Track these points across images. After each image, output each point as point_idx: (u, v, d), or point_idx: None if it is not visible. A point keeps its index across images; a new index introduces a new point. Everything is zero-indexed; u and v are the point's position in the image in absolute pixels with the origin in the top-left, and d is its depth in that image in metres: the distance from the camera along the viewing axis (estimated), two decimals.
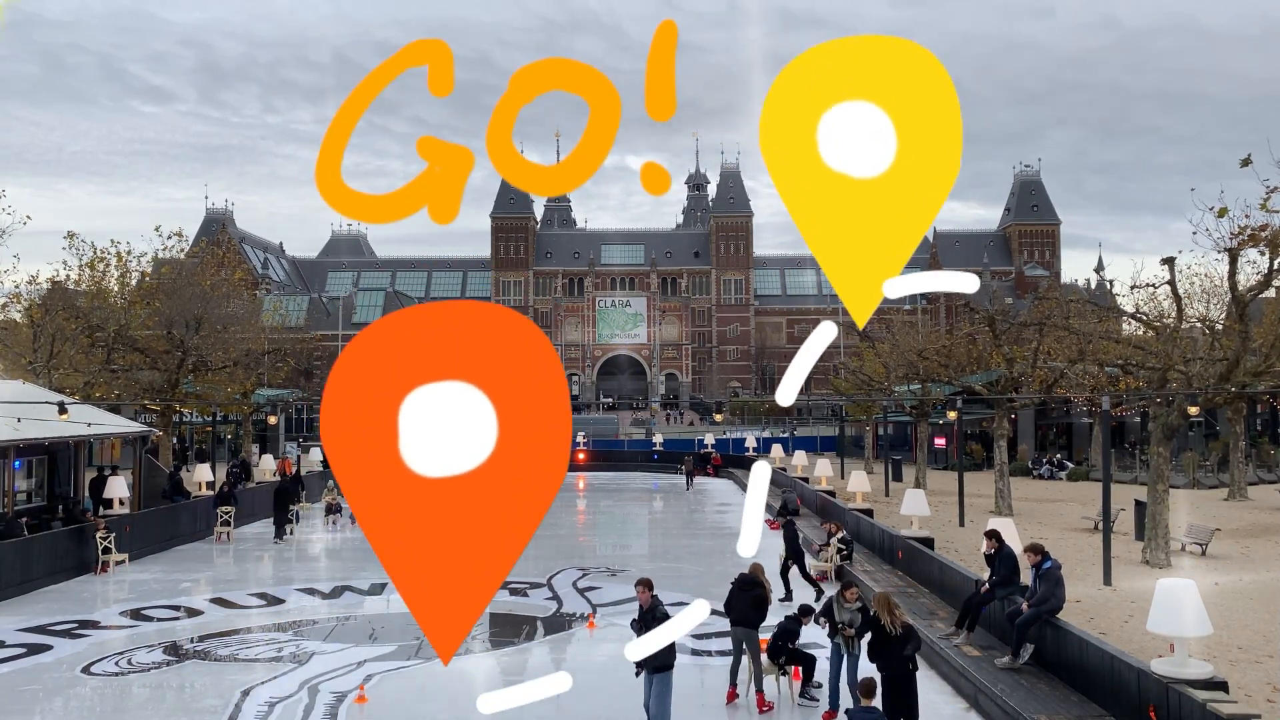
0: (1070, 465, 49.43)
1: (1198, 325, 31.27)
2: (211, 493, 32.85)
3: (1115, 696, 11.61)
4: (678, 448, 61.04)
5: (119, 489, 27.51)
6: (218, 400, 43.37)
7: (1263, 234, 21.44)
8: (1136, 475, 42.05)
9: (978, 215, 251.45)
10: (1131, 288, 27.45)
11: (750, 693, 13.49)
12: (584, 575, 23.39)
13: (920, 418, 44.97)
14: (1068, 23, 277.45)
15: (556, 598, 20.87)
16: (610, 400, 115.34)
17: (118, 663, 15.98)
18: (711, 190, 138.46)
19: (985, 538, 15.43)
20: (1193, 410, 27.77)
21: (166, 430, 40.49)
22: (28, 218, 31.74)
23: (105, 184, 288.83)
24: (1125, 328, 38.85)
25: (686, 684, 14.76)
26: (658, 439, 69.19)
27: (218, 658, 16.23)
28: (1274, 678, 13.59)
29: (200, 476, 34.62)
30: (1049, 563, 13.83)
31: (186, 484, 35.55)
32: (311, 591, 21.89)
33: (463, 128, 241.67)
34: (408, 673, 15.16)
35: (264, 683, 14.53)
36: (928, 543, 22.00)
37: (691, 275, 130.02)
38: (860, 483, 30.74)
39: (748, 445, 62.02)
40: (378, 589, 21.46)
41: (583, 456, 57.06)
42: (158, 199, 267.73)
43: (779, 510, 31.58)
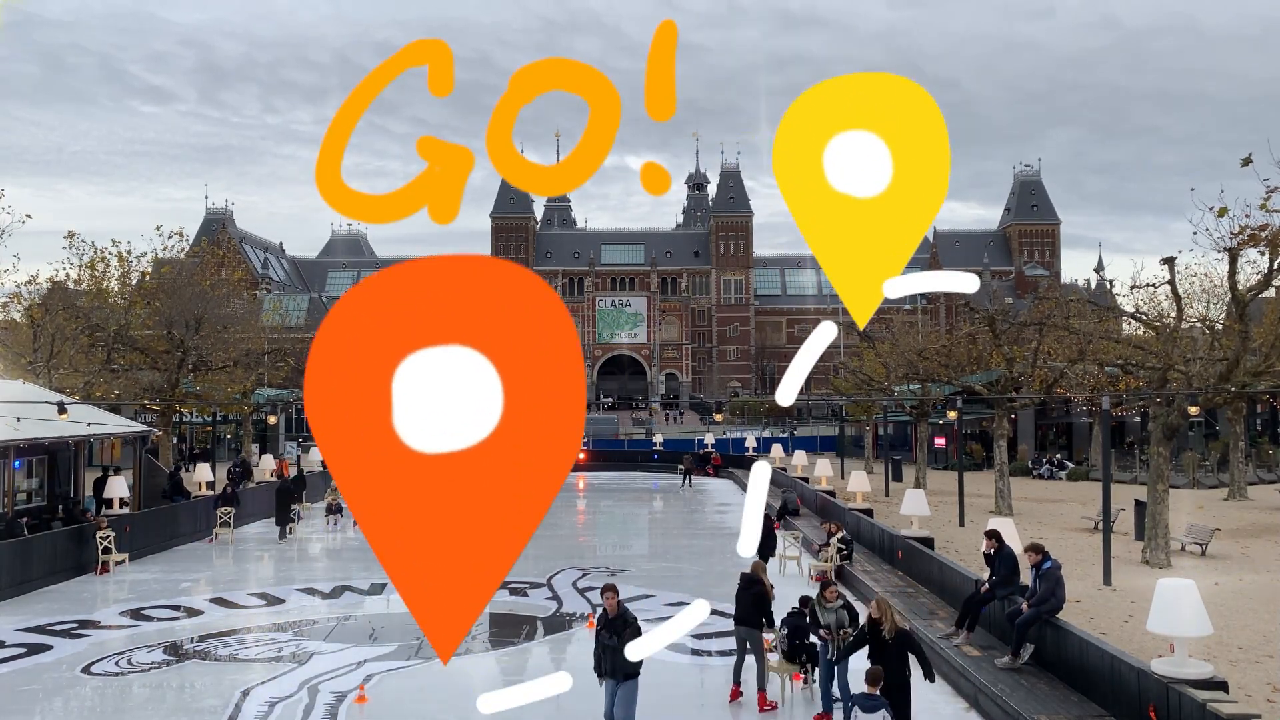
0: (1070, 465, 49.43)
1: (1198, 325, 31.27)
2: (212, 493, 32.88)
3: (1115, 696, 11.61)
4: (678, 448, 61.04)
5: (119, 489, 27.53)
6: (218, 400, 43.38)
7: (1263, 234, 21.44)
8: (1136, 475, 42.06)
9: (978, 215, 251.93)
10: (1131, 288, 27.47)
11: (754, 692, 13.46)
12: (584, 575, 23.39)
13: (920, 418, 44.98)
14: (1067, 23, 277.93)
15: (556, 598, 20.87)
16: (610, 400, 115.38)
17: (118, 663, 15.98)
18: (711, 190, 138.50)
19: (985, 538, 15.44)
20: (1193, 410, 27.77)
21: (166, 430, 40.50)
22: (27, 216, 31.76)
23: (105, 184, 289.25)
24: (1125, 328, 38.89)
25: (686, 684, 14.78)
26: (658, 439, 69.21)
27: (218, 658, 16.24)
28: (1274, 678, 13.59)
29: (200, 476, 34.64)
30: (1049, 563, 13.83)
31: (186, 484, 35.57)
32: (311, 591, 21.89)
33: (463, 128, 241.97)
34: (408, 673, 15.16)
35: (264, 683, 14.53)
36: (928, 543, 22.00)
37: (691, 275, 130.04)
38: (860, 483, 30.74)
39: (748, 445, 62.01)
40: (378, 589, 21.46)
41: (583, 456, 57.00)
42: (158, 199, 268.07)
43: (779, 510, 31.61)
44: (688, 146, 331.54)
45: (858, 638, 12.49)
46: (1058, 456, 51.50)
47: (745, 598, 13.68)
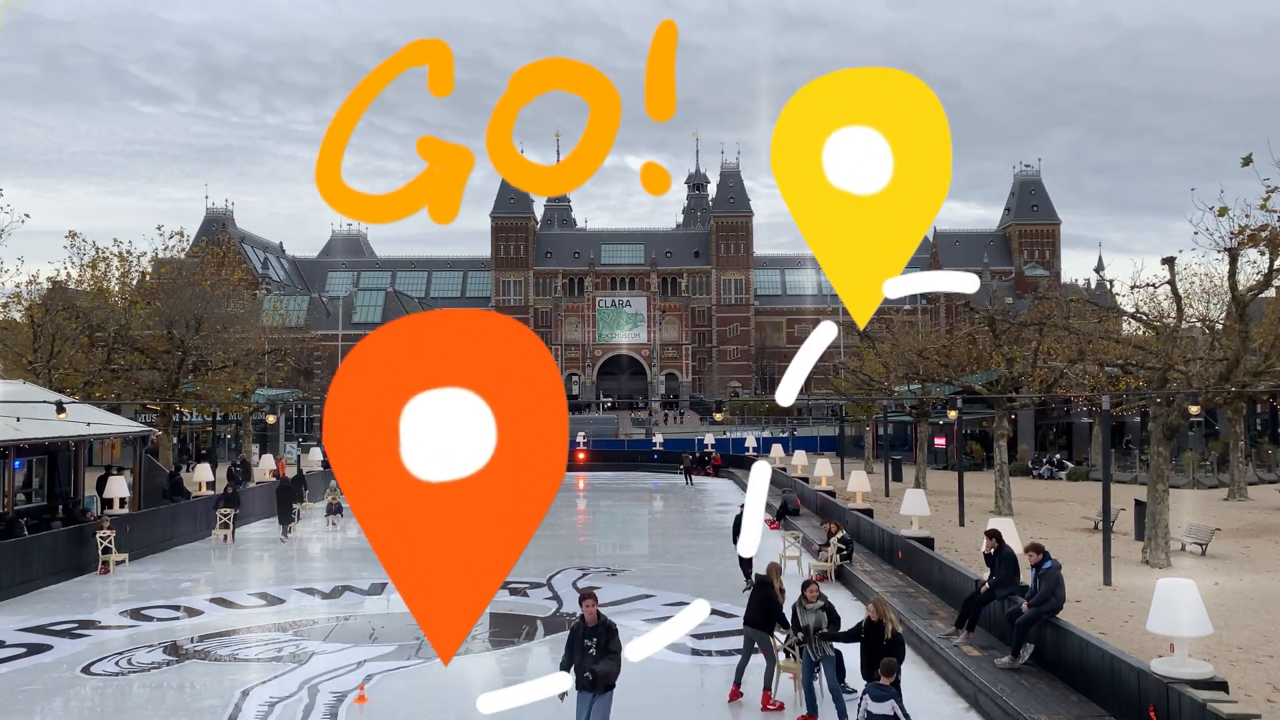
0: (1070, 465, 49.43)
1: (1198, 325, 31.28)
2: (212, 493, 32.87)
3: (1115, 696, 11.61)
4: (678, 448, 61.06)
5: (119, 489, 27.54)
6: (218, 400, 43.39)
7: (1263, 234, 21.44)
8: (1136, 475, 42.05)
9: (978, 215, 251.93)
10: (1131, 287, 27.47)
11: (760, 693, 13.41)
12: (584, 575, 23.39)
13: (920, 418, 44.98)
14: (1067, 23, 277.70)
15: (556, 598, 20.87)
16: (610, 400, 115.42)
17: (118, 663, 15.98)
18: (711, 190, 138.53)
19: (985, 537, 15.44)
20: (1193, 410, 27.76)
21: (166, 430, 40.51)
22: (26, 216, 31.74)
23: (105, 184, 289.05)
24: (1125, 327, 38.91)
25: (686, 684, 14.78)
26: (658, 439, 69.23)
27: (218, 658, 16.23)
28: (1274, 678, 13.59)
29: (200, 476, 34.63)
30: (1049, 562, 13.83)
31: (186, 484, 35.56)
32: (311, 591, 21.89)
33: (463, 128, 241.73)
34: (408, 673, 15.16)
35: (264, 683, 14.53)
36: (928, 543, 22.00)
37: (691, 275, 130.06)
38: (860, 483, 30.74)
39: (748, 445, 62.02)
40: (378, 589, 21.46)
41: (583, 456, 57.06)
42: (158, 199, 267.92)
43: (779, 510, 31.62)
44: (688, 146, 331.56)
45: (852, 634, 12.48)
46: (1058, 456, 51.50)
47: (755, 599, 13.65)
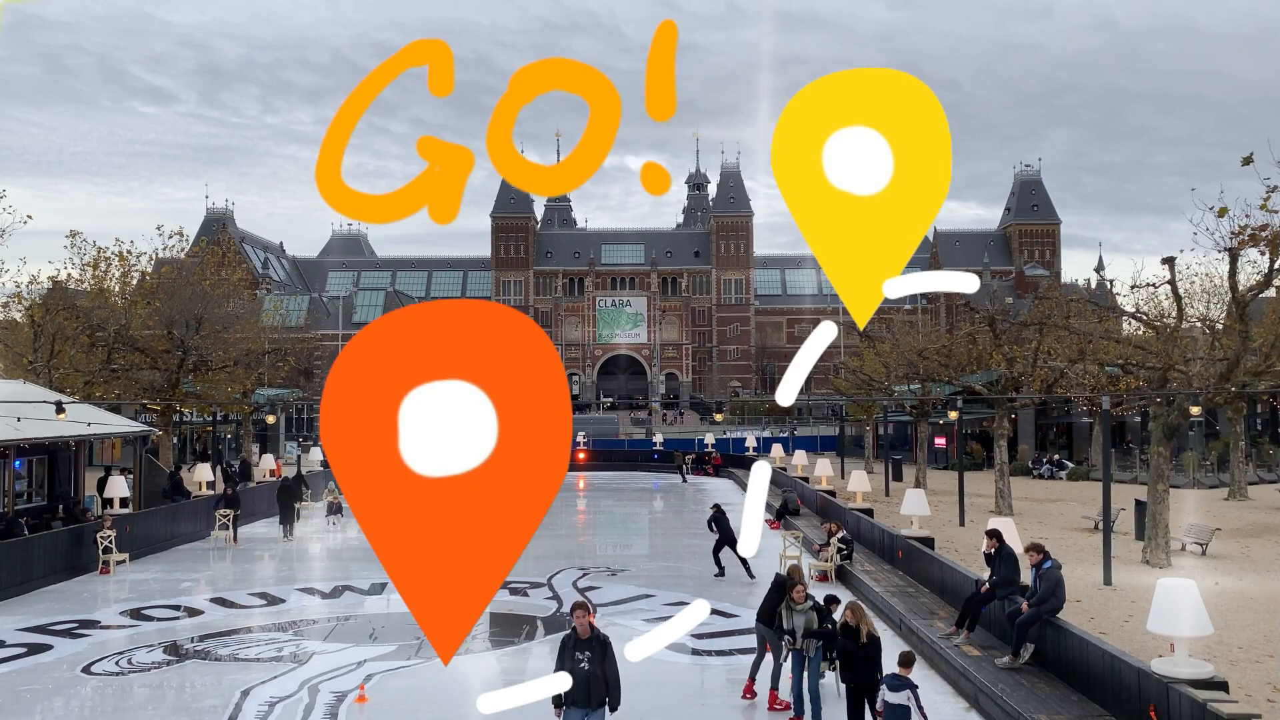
0: (1070, 465, 49.44)
1: (1198, 325, 31.28)
2: (212, 493, 32.85)
3: (1115, 696, 11.61)
4: (678, 448, 61.07)
5: (119, 489, 27.54)
6: (218, 400, 43.39)
7: (1263, 234, 21.45)
8: (1136, 475, 42.05)
9: (978, 215, 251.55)
10: (1132, 287, 27.47)
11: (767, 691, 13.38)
12: (584, 575, 23.40)
13: (920, 418, 44.98)
14: (1064, 24, 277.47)
15: (556, 598, 20.87)
16: (610, 400, 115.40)
17: (118, 662, 15.98)
18: (711, 190, 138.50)
19: (986, 537, 15.44)
20: (1193, 410, 27.78)
21: (166, 430, 40.51)
22: (28, 217, 31.78)
23: (106, 184, 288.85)
24: (1125, 327, 38.90)
25: (687, 684, 14.78)
26: (658, 439, 69.23)
27: (218, 657, 16.23)
28: (1274, 678, 13.59)
29: (200, 476, 34.63)
30: (1049, 562, 13.83)
31: (186, 484, 35.56)
32: (311, 591, 21.89)
33: (463, 128, 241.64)
34: (408, 673, 15.16)
35: (264, 682, 14.53)
36: (928, 542, 22.00)
37: (691, 275, 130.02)
38: (860, 482, 30.74)
39: (748, 445, 62.01)
40: (378, 589, 21.46)
41: (583, 456, 57.06)
42: (158, 199, 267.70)
43: (779, 510, 31.62)
44: (688, 146, 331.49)
45: (829, 636, 12.47)
46: (1058, 456, 51.51)
47: (769, 599, 13.63)
